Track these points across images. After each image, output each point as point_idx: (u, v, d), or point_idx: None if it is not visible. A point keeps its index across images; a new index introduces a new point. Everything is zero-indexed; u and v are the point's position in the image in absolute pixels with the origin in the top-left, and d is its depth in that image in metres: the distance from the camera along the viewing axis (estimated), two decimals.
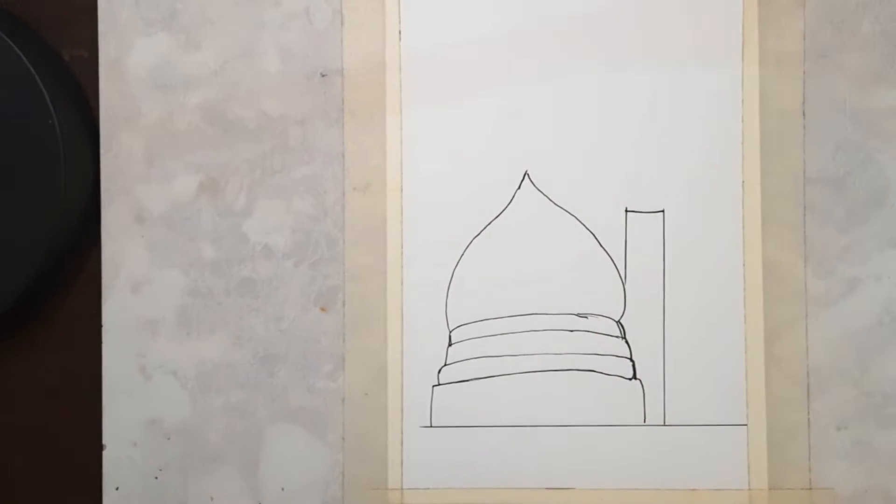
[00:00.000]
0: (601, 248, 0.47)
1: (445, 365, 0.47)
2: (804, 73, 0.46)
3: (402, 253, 0.47)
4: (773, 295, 0.46)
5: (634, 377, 0.47)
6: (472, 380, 0.47)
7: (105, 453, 0.48)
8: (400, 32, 0.47)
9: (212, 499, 0.47)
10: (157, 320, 0.48)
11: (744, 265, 0.46)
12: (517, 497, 0.47)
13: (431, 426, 0.47)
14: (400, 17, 0.47)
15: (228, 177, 0.48)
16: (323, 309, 0.47)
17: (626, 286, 0.47)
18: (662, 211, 0.47)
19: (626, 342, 0.47)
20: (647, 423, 0.46)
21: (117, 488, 0.48)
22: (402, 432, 0.47)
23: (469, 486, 0.47)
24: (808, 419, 0.46)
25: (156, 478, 0.48)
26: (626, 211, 0.47)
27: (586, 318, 0.47)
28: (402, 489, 0.47)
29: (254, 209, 0.48)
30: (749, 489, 0.46)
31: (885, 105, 0.46)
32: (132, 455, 0.48)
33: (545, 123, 0.47)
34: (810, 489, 0.46)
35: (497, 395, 0.47)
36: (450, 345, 0.47)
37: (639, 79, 0.47)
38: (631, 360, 0.47)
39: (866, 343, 0.46)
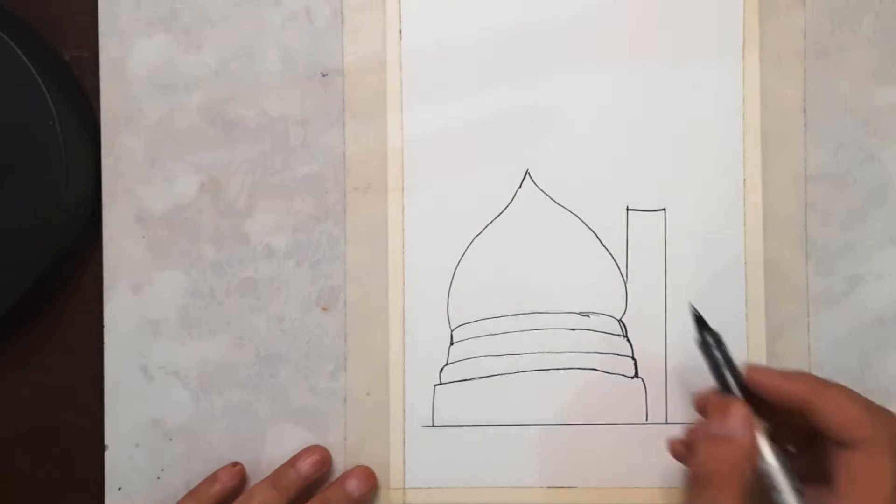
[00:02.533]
0: (602, 247, 0.47)
1: (447, 364, 0.47)
2: (805, 71, 0.46)
3: (403, 252, 0.47)
4: (774, 293, 0.46)
5: (636, 376, 0.47)
6: (473, 379, 0.47)
7: (107, 454, 0.48)
8: (400, 32, 0.47)
9: None
10: (158, 321, 0.48)
11: (745, 263, 0.46)
12: (519, 495, 0.47)
13: (433, 425, 0.47)
14: (400, 16, 0.47)
15: (229, 177, 0.48)
16: (324, 309, 0.47)
17: (627, 285, 0.47)
18: (664, 209, 0.47)
19: (628, 340, 0.47)
20: (648, 421, 0.46)
21: (119, 489, 0.48)
22: (404, 431, 0.47)
23: (471, 485, 0.47)
24: None
25: (158, 478, 0.48)
26: (628, 209, 0.47)
27: (588, 316, 0.47)
28: (404, 488, 0.47)
29: (255, 209, 0.47)
30: None
31: (885, 103, 0.46)
32: (134, 455, 0.48)
33: (546, 122, 0.47)
34: None
35: (499, 393, 0.47)
36: (451, 344, 0.47)
37: (639, 77, 0.47)
38: (633, 358, 0.47)
39: (868, 340, 0.46)
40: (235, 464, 0.47)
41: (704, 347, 0.41)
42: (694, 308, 0.42)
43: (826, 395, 0.38)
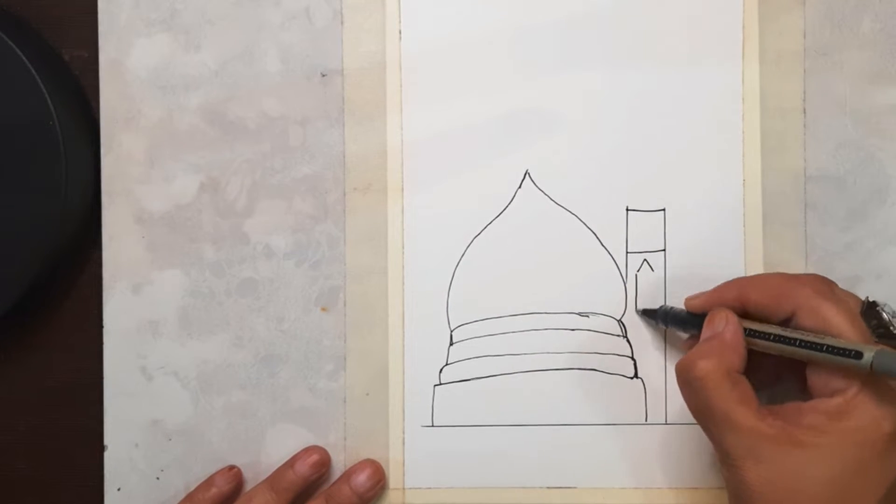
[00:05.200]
0: (602, 247, 0.47)
1: (447, 364, 0.47)
2: (804, 71, 0.46)
3: (403, 252, 0.47)
4: None
5: (636, 376, 0.47)
6: (473, 379, 0.47)
7: (107, 454, 0.48)
8: (400, 32, 0.47)
9: None
10: (158, 321, 0.48)
11: (745, 264, 0.46)
12: (519, 496, 0.47)
13: (433, 426, 0.47)
14: (400, 16, 0.47)
15: (229, 177, 0.48)
16: (324, 309, 0.47)
17: (627, 285, 0.47)
18: (663, 210, 0.47)
19: (628, 341, 0.47)
20: (648, 421, 0.46)
21: (119, 489, 0.48)
22: (403, 432, 0.47)
23: (471, 486, 0.47)
24: None
25: (157, 478, 0.48)
26: (627, 210, 0.47)
27: (587, 316, 0.47)
28: (403, 489, 0.47)
29: (255, 209, 0.47)
30: None
31: (885, 103, 0.46)
32: (134, 456, 0.48)
33: (546, 123, 0.47)
34: None
35: (498, 394, 0.47)
36: (451, 344, 0.47)
37: (639, 77, 0.47)
38: (632, 358, 0.47)
39: None
40: (232, 467, 0.47)
41: (666, 318, 0.45)
42: (638, 310, 0.46)
43: (752, 284, 0.41)
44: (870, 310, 0.39)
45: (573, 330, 0.47)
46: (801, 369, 0.40)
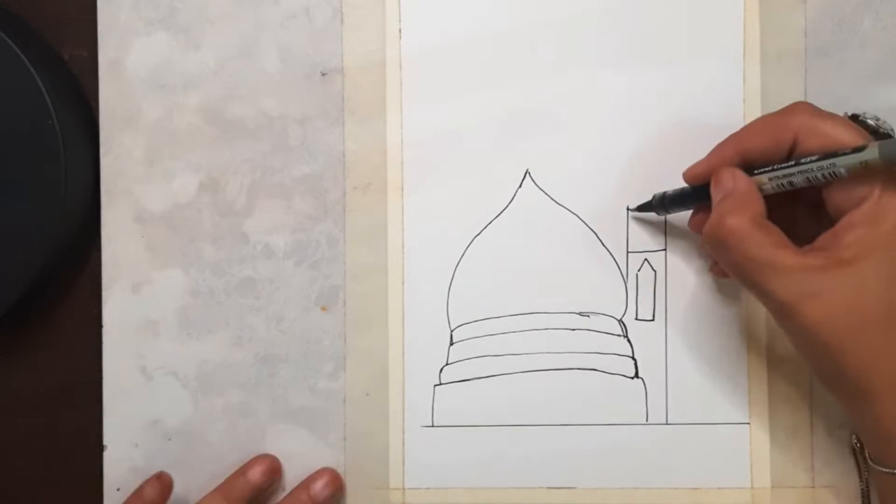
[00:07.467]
0: (603, 247, 0.47)
1: (447, 364, 0.47)
2: (805, 70, 0.46)
3: (403, 252, 0.47)
4: None
5: (636, 376, 0.47)
6: (473, 379, 0.47)
7: (106, 454, 0.48)
8: (400, 31, 0.47)
9: None
10: (157, 321, 0.48)
11: None
12: (519, 496, 0.47)
13: (433, 426, 0.47)
14: (400, 15, 0.47)
15: (229, 176, 0.47)
16: (324, 309, 0.47)
17: (627, 285, 0.47)
18: None
19: (628, 341, 0.47)
20: (649, 421, 0.46)
21: (118, 489, 0.48)
22: (403, 432, 0.47)
23: (471, 486, 0.47)
24: (811, 418, 0.46)
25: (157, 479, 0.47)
26: (628, 209, 0.47)
27: (588, 316, 0.47)
28: (403, 489, 0.47)
29: (254, 209, 0.47)
30: (752, 487, 0.46)
31: (885, 103, 0.46)
32: (133, 456, 0.48)
33: (546, 122, 0.47)
34: (812, 487, 0.46)
35: (499, 394, 0.47)
36: (451, 344, 0.47)
37: (640, 77, 0.47)
38: (633, 358, 0.47)
39: None
40: (160, 475, 0.46)
41: (663, 203, 0.45)
42: (630, 209, 0.46)
43: (747, 132, 0.41)
44: (853, 121, 0.40)
45: (573, 330, 0.47)
46: (817, 214, 0.40)
